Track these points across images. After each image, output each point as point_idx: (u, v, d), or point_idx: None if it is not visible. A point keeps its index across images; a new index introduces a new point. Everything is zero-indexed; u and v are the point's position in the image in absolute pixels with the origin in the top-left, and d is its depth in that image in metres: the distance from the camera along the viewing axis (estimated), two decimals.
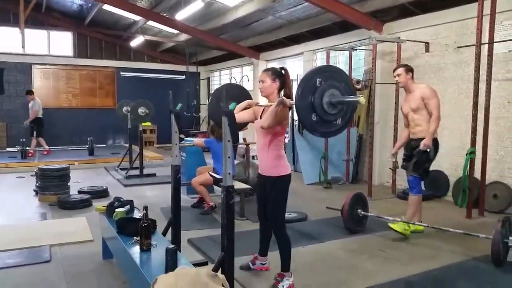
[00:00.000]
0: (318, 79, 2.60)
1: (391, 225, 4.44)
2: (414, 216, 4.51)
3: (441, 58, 6.37)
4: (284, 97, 2.93)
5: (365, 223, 4.77)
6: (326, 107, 2.61)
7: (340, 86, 2.68)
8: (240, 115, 3.30)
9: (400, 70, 4.54)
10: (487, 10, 4.98)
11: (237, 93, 3.77)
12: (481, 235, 3.85)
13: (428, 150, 4.31)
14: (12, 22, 12.07)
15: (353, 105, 2.80)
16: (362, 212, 4.72)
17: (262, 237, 3.48)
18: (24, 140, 10.12)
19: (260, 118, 3.23)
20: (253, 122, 3.33)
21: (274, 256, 3.51)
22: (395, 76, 4.60)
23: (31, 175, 7.38)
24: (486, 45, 5.10)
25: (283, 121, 3.08)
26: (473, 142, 5.13)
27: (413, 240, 4.36)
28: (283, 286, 3.13)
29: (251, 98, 3.66)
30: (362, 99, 2.54)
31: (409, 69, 4.54)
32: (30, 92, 10.57)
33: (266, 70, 3.22)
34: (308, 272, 3.50)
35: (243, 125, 3.75)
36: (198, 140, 6.01)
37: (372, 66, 6.65)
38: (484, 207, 5.31)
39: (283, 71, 3.16)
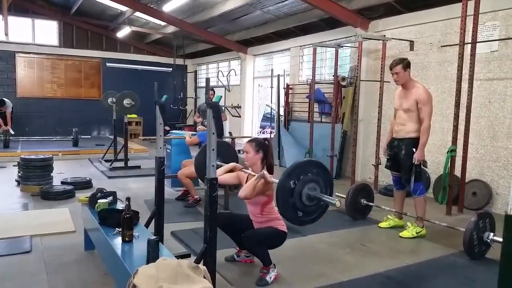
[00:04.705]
0: (291, 182, 2.62)
1: (401, 235, 4.38)
2: (425, 214, 4.44)
3: (425, 56, 6.45)
4: (265, 172, 3.03)
5: (367, 214, 5.08)
6: (307, 203, 2.68)
7: (314, 176, 2.69)
8: (224, 178, 3.38)
9: (399, 68, 4.26)
10: (471, 10, 5.06)
11: (224, 150, 3.83)
12: (461, 229, 3.94)
13: (417, 162, 4.29)
14: None
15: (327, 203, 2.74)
16: (365, 202, 4.99)
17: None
18: (8, 128, 9.97)
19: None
20: (236, 187, 3.38)
21: None
22: (393, 74, 4.33)
23: (13, 165, 7.28)
24: (469, 45, 5.19)
25: (265, 192, 3.16)
26: (454, 140, 5.22)
27: (394, 235, 4.44)
28: (270, 278, 3.18)
29: (237, 159, 3.72)
30: (337, 203, 2.56)
31: (407, 65, 4.29)
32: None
33: (250, 141, 3.31)
34: (289, 264, 3.54)
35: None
36: (191, 139, 5.75)
37: (358, 63, 6.71)
38: (463, 204, 5.43)
39: (266, 142, 3.28)
